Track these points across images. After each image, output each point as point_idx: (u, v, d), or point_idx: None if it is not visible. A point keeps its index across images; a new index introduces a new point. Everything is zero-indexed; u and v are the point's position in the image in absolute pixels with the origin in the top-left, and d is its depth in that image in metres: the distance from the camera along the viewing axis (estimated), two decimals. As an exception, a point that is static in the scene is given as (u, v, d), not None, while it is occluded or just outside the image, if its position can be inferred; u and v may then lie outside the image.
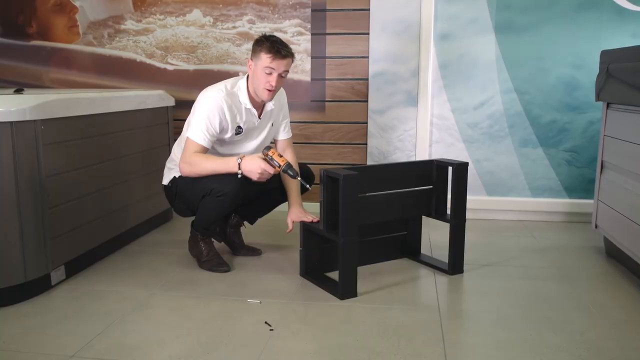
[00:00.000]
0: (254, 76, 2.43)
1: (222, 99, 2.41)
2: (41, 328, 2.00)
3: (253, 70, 2.43)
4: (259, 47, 2.40)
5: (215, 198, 2.39)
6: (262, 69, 2.38)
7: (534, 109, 3.41)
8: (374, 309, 2.16)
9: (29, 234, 2.20)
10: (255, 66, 2.41)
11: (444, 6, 3.37)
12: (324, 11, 3.50)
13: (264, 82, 2.39)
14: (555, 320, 2.07)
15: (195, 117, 2.42)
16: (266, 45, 2.37)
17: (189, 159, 2.39)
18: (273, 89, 2.41)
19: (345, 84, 3.56)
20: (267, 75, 2.38)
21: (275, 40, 2.40)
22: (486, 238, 3.14)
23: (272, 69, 2.37)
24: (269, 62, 2.36)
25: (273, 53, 2.36)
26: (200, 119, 2.40)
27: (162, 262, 2.69)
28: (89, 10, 3.73)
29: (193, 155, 2.38)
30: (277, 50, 2.36)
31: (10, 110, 2.10)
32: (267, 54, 2.36)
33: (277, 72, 2.38)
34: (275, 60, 2.36)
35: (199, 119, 2.40)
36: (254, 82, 2.45)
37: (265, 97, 2.44)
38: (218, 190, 2.37)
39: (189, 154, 2.39)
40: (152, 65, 3.72)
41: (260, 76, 2.40)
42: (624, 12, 3.23)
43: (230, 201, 2.40)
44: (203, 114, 2.40)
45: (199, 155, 2.38)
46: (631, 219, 2.39)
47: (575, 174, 3.44)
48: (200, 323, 2.04)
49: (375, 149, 3.55)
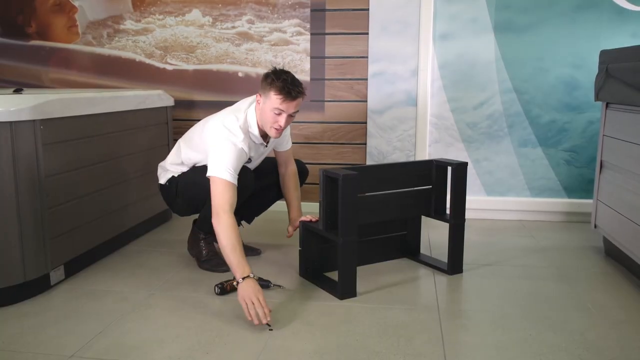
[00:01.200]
0: (263, 113, 2.34)
1: (241, 141, 2.31)
2: (40, 328, 2.00)
3: (262, 107, 2.34)
4: (269, 85, 2.29)
5: None
6: (272, 109, 2.29)
7: (533, 108, 3.41)
8: (374, 309, 2.16)
9: (28, 234, 2.20)
10: (264, 104, 2.32)
11: (443, 6, 3.38)
12: (324, 11, 3.50)
13: (272, 121, 2.32)
14: (554, 320, 2.07)
15: (219, 153, 2.26)
16: (276, 86, 2.26)
17: (222, 219, 2.16)
18: (281, 129, 2.34)
19: (345, 83, 3.56)
20: (276, 115, 2.30)
21: (286, 79, 2.27)
22: (485, 238, 3.15)
23: (282, 111, 2.29)
24: (279, 103, 2.27)
25: (284, 95, 2.26)
26: (225, 156, 2.25)
27: (162, 262, 2.69)
28: (88, 10, 3.73)
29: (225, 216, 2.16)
30: (287, 91, 2.26)
31: (9, 110, 2.10)
32: (277, 94, 2.27)
33: (286, 113, 2.30)
34: (286, 102, 2.27)
35: (224, 156, 2.25)
36: (262, 119, 2.36)
37: (273, 135, 2.37)
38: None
39: (220, 204, 2.18)
40: (152, 65, 3.72)
41: (268, 115, 2.31)
42: (623, 12, 3.23)
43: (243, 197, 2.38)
44: (228, 152, 2.26)
45: (231, 227, 2.15)
46: (630, 218, 2.39)
47: (575, 174, 3.44)
48: (200, 323, 2.04)
49: (374, 149, 3.55)
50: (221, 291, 2.29)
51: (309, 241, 2.47)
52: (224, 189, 2.20)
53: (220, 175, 2.21)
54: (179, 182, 2.53)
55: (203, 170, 2.45)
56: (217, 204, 2.19)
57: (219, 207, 2.18)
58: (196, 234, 2.64)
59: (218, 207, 2.18)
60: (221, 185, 2.21)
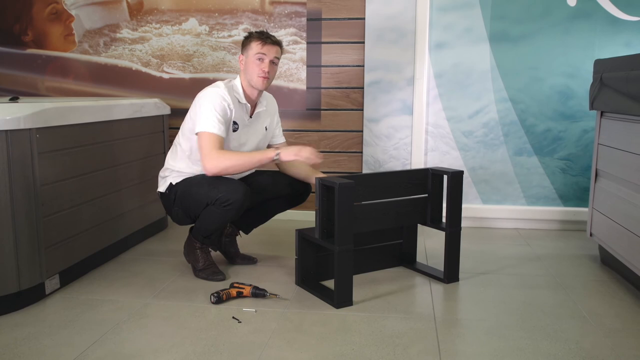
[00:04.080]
0: (247, 68, 2.50)
1: (222, 90, 2.45)
2: (35, 338, 1.99)
3: (245, 64, 2.51)
4: (248, 39, 2.51)
5: (221, 208, 2.37)
6: (254, 56, 2.46)
7: (528, 117, 3.43)
8: (370, 318, 2.16)
9: (23, 243, 2.20)
10: (247, 57, 2.50)
11: (439, 16, 3.40)
12: (320, 20, 3.52)
13: (257, 70, 2.47)
14: (550, 329, 2.07)
15: (202, 111, 2.40)
16: (255, 35, 2.48)
17: (215, 154, 2.35)
18: (266, 75, 2.47)
19: (341, 92, 3.57)
20: (259, 62, 2.46)
21: (262, 31, 2.51)
22: (481, 246, 3.15)
23: (264, 54, 2.46)
24: (260, 48, 2.45)
25: (262, 39, 2.47)
26: (207, 110, 2.39)
27: (157, 271, 2.69)
28: (85, 19, 3.74)
29: (216, 151, 2.36)
30: (266, 36, 2.48)
31: (5, 119, 2.10)
32: (256, 41, 2.47)
33: (268, 57, 2.46)
34: (266, 45, 2.46)
35: (207, 111, 2.39)
36: (247, 75, 2.50)
37: (260, 85, 2.49)
38: (224, 200, 2.35)
39: (209, 149, 2.36)
40: (148, 74, 3.73)
41: (252, 65, 2.47)
42: (617, 22, 3.26)
43: (237, 211, 2.39)
44: (209, 105, 2.40)
45: (225, 152, 2.38)
46: (626, 227, 2.40)
47: (570, 182, 3.46)
48: (196, 332, 2.03)
49: (370, 157, 3.56)
50: (217, 300, 2.28)
51: (305, 250, 2.47)
52: (212, 141, 2.36)
53: (205, 129, 2.36)
54: (177, 191, 2.53)
55: (199, 181, 2.45)
56: (205, 152, 2.36)
57: (207, 152, 2.35)
58: (192, 242, 2.62)
59: (206, 153, 2.35)
60: (209, 139, 2.36)
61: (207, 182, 2.42)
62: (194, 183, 2.46)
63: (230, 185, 2.36)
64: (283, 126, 2.87)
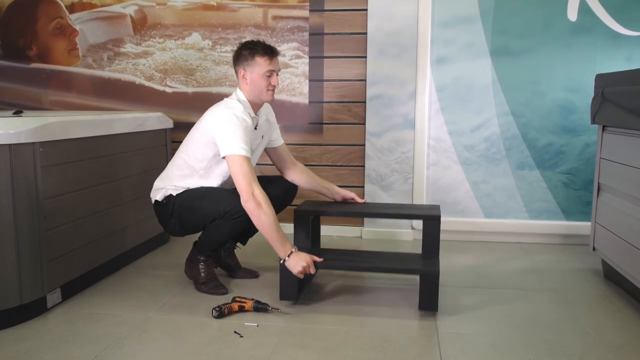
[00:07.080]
0: (253, 84, 2.45)
1: (239, 111, 2.40)
2: (37, 352, 1.98)
3: (250, 78, 2.45)
4: (250, 55, 2.44)
5: (230, 221, 2.37)
6: (262, 74, 2.42)
7: (530, 131, 3.43)
8: (371, 333, 2.15)
9: (25, 256, 2.20)
10: (252, 74, 2.44)
11: (440, 30, 3.42)
12: (322, 35, 3.54)
13: (266, 85, 2.44)
14: (553, 344, 2.06)
15: (228, 134, 2.33)
16: (258, 51, 2.42)
17: (259, 198, 2.26)
18: (274, 88, 2.47)
19: (343, 106, 3.58)
20: (268, 77, 2.43)
21: (260, 42, 2.47)
22: (484, 260, 3.14)
23: (273, 71, 2.44)
24: (268, 64, 2.42)
25: (268, 55, 2.42)
26: (233, 133, 2.32)
27: (159, 285, 2.68)
28: (89, 34, 3.77)
29: (262, 196, 2.27)
30: (270, 50, 2.44)
31: (9, 133, 2.11)
32: (262, 57, 2.42)
33: (276, 71, 2.45)
34: (273, 61, 2.44)
35: (234, 134, 2.32)
36: (254, 90, 2.46)
37: (271, 99, 2.49)
38: (234, 213, 2.35)
39: (248, 182, 2.26)
40: (151, 88, 3.75)
41: (261, 80, 2.43)
42: (618, 37, 3.27)
43: (246, 222, 2.37)
44: (233, 127, 2.33)
45: (269, 204, 2.28)
46: (629, 241, 2.39)
47: (573, 196, 3.45)
48: (197, 347, 2.03)
49: (372, 171, 3.56)
50: (219, 314, 2.27)
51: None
52: (241, 164, 2.28)
53: (234, 152, 2.29)
54: (176, 203, 2.50)
55: (203, 194, 2.44)
56: (242, 184, 2.27)
57: (246, 186, 2.26)
58: (196, 256, 2.61)
59: (245, 187, 2.26)
60: (238, 162, 2.28)
61: (211, 196, 2.42)
62: (196, 197, 2.45)
63: (235, 197, 2.34)
64: (285, 140, 2.86)
